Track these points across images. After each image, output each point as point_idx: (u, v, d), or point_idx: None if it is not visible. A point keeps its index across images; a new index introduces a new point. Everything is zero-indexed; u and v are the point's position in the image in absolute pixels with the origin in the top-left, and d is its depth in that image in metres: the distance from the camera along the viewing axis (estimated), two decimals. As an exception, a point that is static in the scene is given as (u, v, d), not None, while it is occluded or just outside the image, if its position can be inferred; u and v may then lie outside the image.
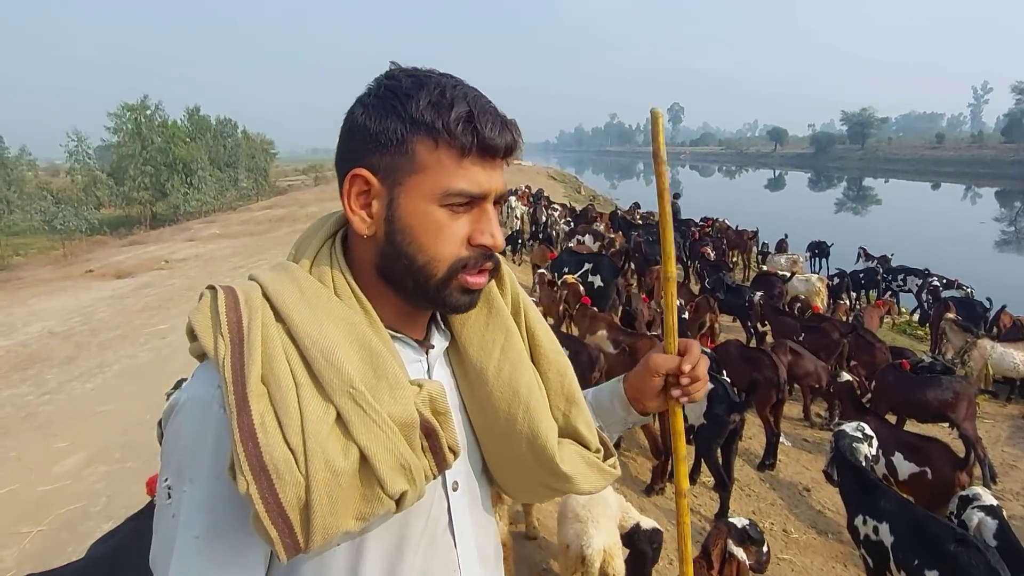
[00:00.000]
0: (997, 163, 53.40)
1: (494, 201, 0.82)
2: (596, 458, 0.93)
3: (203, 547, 0.73)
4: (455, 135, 0.76)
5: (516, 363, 0.88)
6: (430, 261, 0.79)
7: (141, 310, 8.57)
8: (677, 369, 0.96)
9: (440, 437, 0.77)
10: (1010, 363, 5.18)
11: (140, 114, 28.90)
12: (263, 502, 0.66)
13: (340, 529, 0.70)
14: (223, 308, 0.74)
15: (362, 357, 0.75)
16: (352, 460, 0.70)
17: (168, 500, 0.74)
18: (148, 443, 4.57)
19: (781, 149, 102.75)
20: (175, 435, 0.75)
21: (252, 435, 0.66)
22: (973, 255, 16.75)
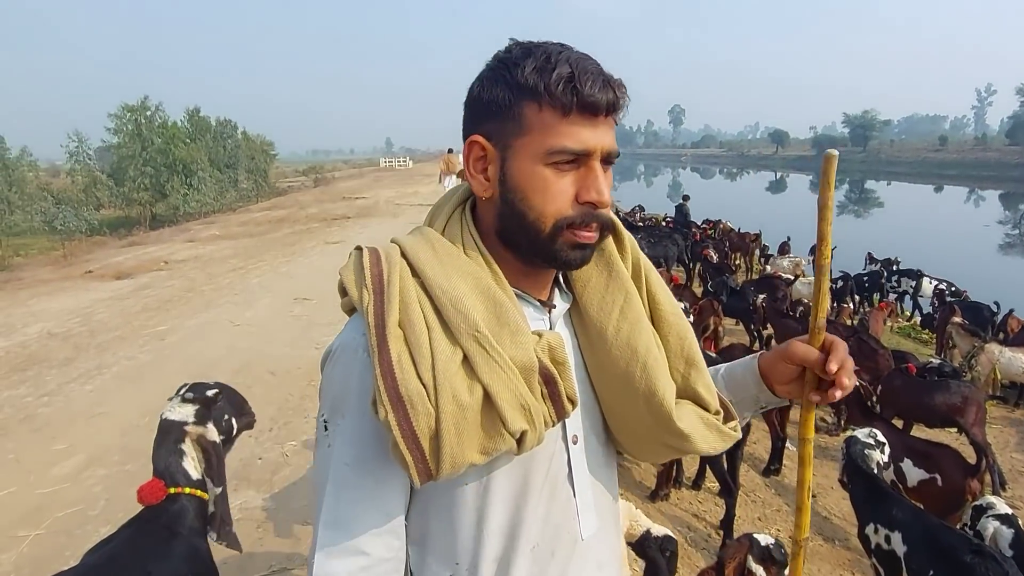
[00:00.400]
0: (1001, 166, 53.25)
1: (604, 160, 0.85)
2: (715, 420, 0.96)
3: (352, 474, 0.85)
4: (556, 95, 0.80)
5: (634, 323, 0.92)
6: (538, 218, 0.84)
7: (140, 311, 8.53)
8: (815, 364, 0.93)
9: (559, 385, 0.83)
10: (1018, 368, 5.12)
11: (140, 115, 28.86)
12: (399, 429, 0.76)
13: (466, 460, 0.78)
14: (367, 264, 0.85)
15: (487, 306, 0.83)
16: (476, 397, 0.78)
17: (325, 432, 0.87)
18: (147, 446, 4.46)
19: (782, 151, 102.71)
20: (329, 377, 0.88)
21: (390, 371, 0.76)
22: (978, 258, 16.71)
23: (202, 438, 1.99)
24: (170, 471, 1.93)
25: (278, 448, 4.45)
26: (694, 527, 3.77)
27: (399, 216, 18.36)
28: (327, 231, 15.98)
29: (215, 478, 1.97)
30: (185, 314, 8.27)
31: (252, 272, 10.97)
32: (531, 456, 0.88)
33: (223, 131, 34.01)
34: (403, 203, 22.07)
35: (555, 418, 0.84)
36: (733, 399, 1.03)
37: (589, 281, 0.95)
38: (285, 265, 11.49)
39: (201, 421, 2.01)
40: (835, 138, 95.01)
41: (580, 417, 0.95)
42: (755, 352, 1.13)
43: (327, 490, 0.86)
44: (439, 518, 0.91)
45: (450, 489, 0.89)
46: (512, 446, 0.81)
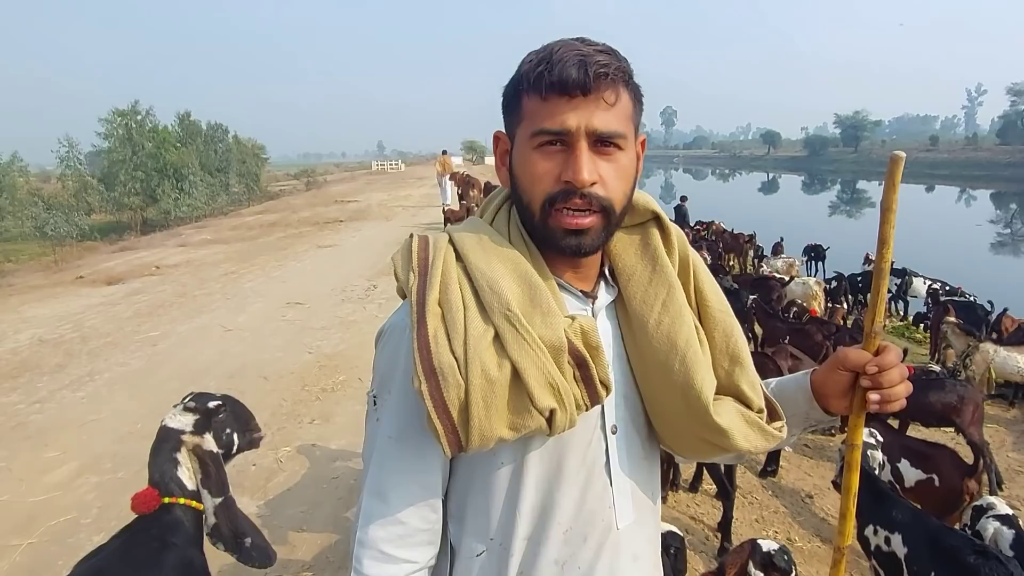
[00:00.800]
0: (992, 165, 53.59)
1: (597, 140, 0.85)
2: (758, 418, 0.95)
3: (394, 447, 0.90)
4: (531, 80, 0.85)
5: (676, 317, 0.92)
6: (529, 201, 0.89)
7: (132, 317, 8.47)
8: (864, 368, 0.92)
9: (591, 368, 0.84)
10: (1013, 367, 5.13)
11: (131, 119, 28.73)
12: (431, 399, 0.79)
13: (495, 434, 0.81)
14: (415, 249, 0.89)
15: (523, 289, 0.86)
16: (505, 372, 0.80)
17: (374, 407, 0.93)
18: (140, 453, 4.46)
19: (774, 152, 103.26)
20: (379, 355, 0.93)
21: (426, 344, 0.80)
22: (970, 258, 16.78)
23: (198, 448, 1.96)
24: (165, 480, 1.90)
25: (272, 454, 4.42)
26: (692, 530, 3.75)
27: (392, 219, 18.34)
28: (319, 235, 15.93)
29: (213, 488, 1.94)
30: (177, 319, 8.22)
31: (244, 276, 10.92)
32: (566, 441, 0.91)
33: (214, 135, 33.89)
34: (396, 206, 22.03)
35: (588, 402, 0.86)
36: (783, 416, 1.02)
37: (634, 274, 0.97)
38: (277, 269, 11.44)
39: (199, 431, 1.98)
40: (826, 138, 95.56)
41: (621, 408, 0.97)
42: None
43: (372, 460, 0.92)
44: (476, 496, 0.94)
45: (486, 469, 0.92)
46: (542, 424, 0.83)
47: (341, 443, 4.58)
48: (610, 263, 1.00)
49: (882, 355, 0.91)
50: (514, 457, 0.91)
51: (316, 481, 4.10)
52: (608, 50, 0.87)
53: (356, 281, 9.96)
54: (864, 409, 0.94)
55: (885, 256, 0.92)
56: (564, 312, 0.87)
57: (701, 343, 0.94)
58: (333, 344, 6.86)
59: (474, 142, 64.17)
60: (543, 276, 0.90)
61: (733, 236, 12.07)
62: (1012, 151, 59.31)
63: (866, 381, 0.92)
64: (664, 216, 1.00)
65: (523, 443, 0.90)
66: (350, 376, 5.87)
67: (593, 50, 0.85)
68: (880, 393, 0.91)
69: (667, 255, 0.97)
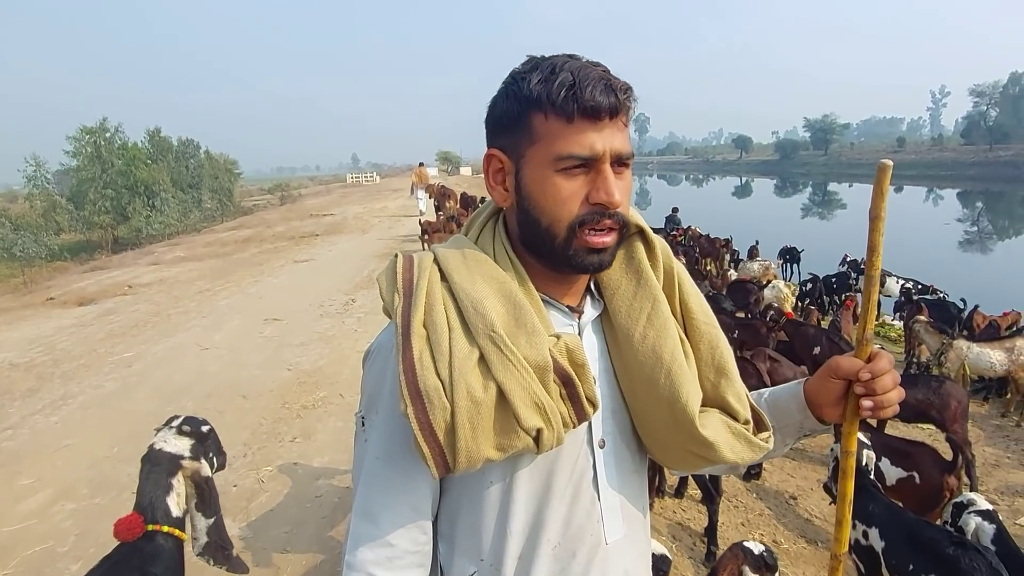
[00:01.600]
0: (958, 165, 54.93)
1: (616, 162, 0.86)
2: (744, 429, 0.95)
3: (382, 467, 0.89)
4: (558, 103, 0.84)
5: (661, 330, 0.93)
6: (552, 223, 0.87)
7: (105, 338, 8.31)
8: (856, 375, 0.93)
9: (577, 386, 0.85)
10: (986, 362, 5.21)
11: (100, 137, 28.43)
12: (417, 422, 0.79)
13: (482, 455, 0.81)
14: (399, 269, 0.89)
15: (507, 309, 0.86)
16: (491, 394, 0.80)
17: (362, 428, 0.93)
18: (116, 477, 4.39)
19: (747, 156, 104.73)
20: (366, 375, 0.94)
21: (411, 367, 0.80)
22: (941, 256, 17.10)
23: (196, 474, 1.93)
24: (153, 506, 1.87)
25: (253, 474, 4.35)
26: (678, 536, 3.76)
27: (368, 232, 18.25)
28: (295, 249, 15.79)
29: (207, 511, 1.91)
30: (152, 339, 8.08)
31: (220, 294, 10.78)
32: (555, 458, 0.91)
33: (185, 151, 33.63)
34: (371, 219, 21.92)
35: (575, 419, 0.86)
36: (776, 425, 1.03)
37: (618, 288, 0.97)
38: (253, 285, 11.31)
39: (196, 456, 1.96)
40: (797, 142, 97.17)
41: (609, 421, 0.97)
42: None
43: (361, 481, 0.91)
44: (466, 516, 0.94)
45: (476, 488, 0.92)
46: (530, 444, 0.83)
47: (324, 461, 4.53)
48: (595, 277, 1.00)
49: (874, 362, 0.92)
50: (503, 476, 0.91)
51: (299, 500, 4.04)
52: (609, 70, 0.88)
53: (334, 295, 9.88)
54: (858, 416, 0.95)
55: (875, 263, 0.93)
56: (549, 330, 0.88)
57: (686, 355, 0.94)
58: (312, 360, 6.79)
59: (449, 153, 64.23)
60: (528, 294, 0.90)
61: (709, 241, 12.18)
62: (976, 151, 60.89)
63: (860, 388, 0.92)
64: (648, 229, 1.00)
65: (512, 461, 0.90)
66: (331, 392, 5.81)
67: (605, 72, 0.86)
68: (874, 400, 0.92)
69: (652, 268, 0.98)
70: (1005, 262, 19.69)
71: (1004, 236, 26.12)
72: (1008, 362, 5.19)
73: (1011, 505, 3.98)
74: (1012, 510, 3.92)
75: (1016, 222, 30.38)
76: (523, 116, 0.87)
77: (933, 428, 4.85)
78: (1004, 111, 67.75)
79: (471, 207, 15.90)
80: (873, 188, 0.90)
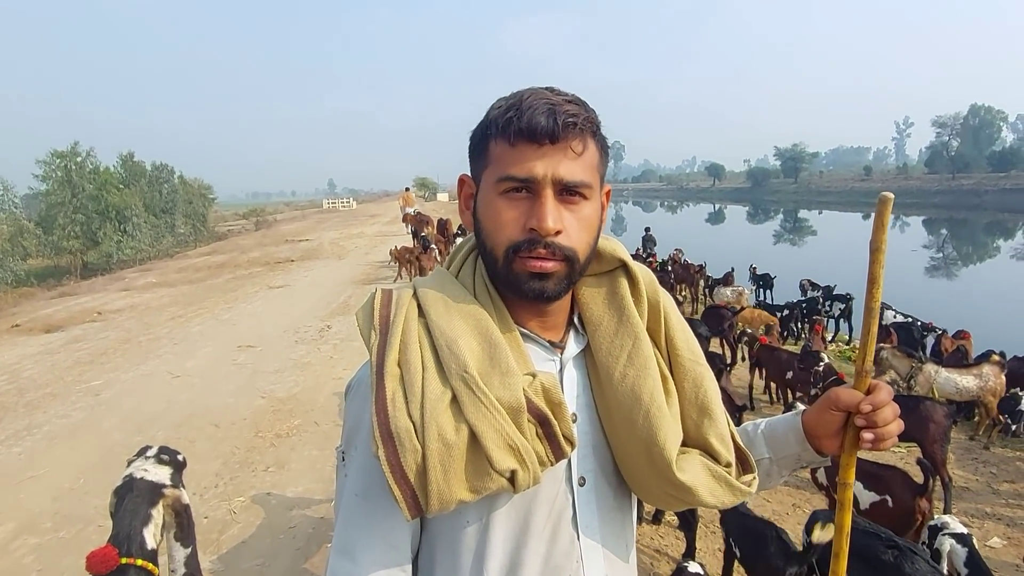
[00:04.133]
0: (922, 193, 56.37)
1: (563, 190, 0.86)
2: (726, 472, 0.93)
3: (361, 504, 0.88)
4: (500, 125, 0.85)
5: (641, 370, 0.91)
6: (494, 247, 0.88)
7: (72, 366, 8.14)
8: (857, 408, 0.91)
9: (553, 425, 0.83)
10: (953, 386, 5.33)
11: (70, 161, 28.03)
12: (388, 465, 0.78)
13: (455, 497, 0.80)
14: (377, 306, 0.89)
15: (483, 348, 0.85)
16: (463, 436, 0.79)
17: (342, 462, 0.92)
18: (82, 510, 4.27)
19: (719, 184, 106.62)
20: (346, 410, 0.93)
21: (384, 408, 0.79)
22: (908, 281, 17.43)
23: (177, 502, 1.90)
24: (129, 538, 1.82)
25: (224, 505, 4.26)
26: (656, 563, 3.74)
27: (344, 257, 18.17)
28: (270, 275, 15.66)
29: (185, 540, 1.87)
30: (121, 367, 7.93)
31: (192, 320, 10.62)
32: (532, 497, 0.89)
33: (159, 176, 33.26)
34: (348, 244, 21.84)
35: (553, 458, 0.85)
36: (773, 456, 1.03)
37: (600, 324, 0.95)
38: (227, 312, 11.18)
39: (176, 484, 1.92)
40: (768, 170, 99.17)
41: (589, 458, 0.95)
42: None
43: (340, 517, 0.90)
44: (443, 556, 0.92)
45: (453, 528, 0.90)
46: (504, 485, 0.81)
47: (298, 490, 4.45)
48: (580, 311, 0.98)
49: (874, 394, 0.91)
50: (480, 515, 0.89)
51: (272, 531, 3.96)
52: (577, 100, 0.87)
53: (309, 322, 9.79)
54: (857, 448, 0.94)
55: (875, 295, 0.92)
56: (526, 368, 0.87)
57: (669, 394, 0.93)
58: (287, 387, 6.71)
59: (426, 179, 64.46)
60: (506, 329, 0.89)
61: (684, 267, 12.31)
62: (940, 179, 62.65)
63: (860, 420, 0.91)
64: (632, 264, 0.98)
65: (489, 501, 0.88)
66: (305, 420, 5.74)
67: (562, 99, 0.86)
68: (874, 432, 0.91)
69: (635, 303, 0.96)
70: (969, 286, 20.17)
71: (968, 262, 26.79)
72: (977, 388, 5.30)
73: (981, 527, 4.04)
74: (983, 532, 3.97)
75: (979, 248, 31.17)
76: (483, 141, 0.89)
77: (905, 451, 4.93)
78: (965, 141, 70.02)
79: (448, 233, 15.93)
80: (874, 220, 0.90)
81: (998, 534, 3.96)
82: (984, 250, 30.47)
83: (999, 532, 3.98)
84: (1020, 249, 29.96)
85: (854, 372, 0.95)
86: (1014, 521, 4.10)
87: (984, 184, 56.45)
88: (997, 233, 37.28)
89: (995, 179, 57.32)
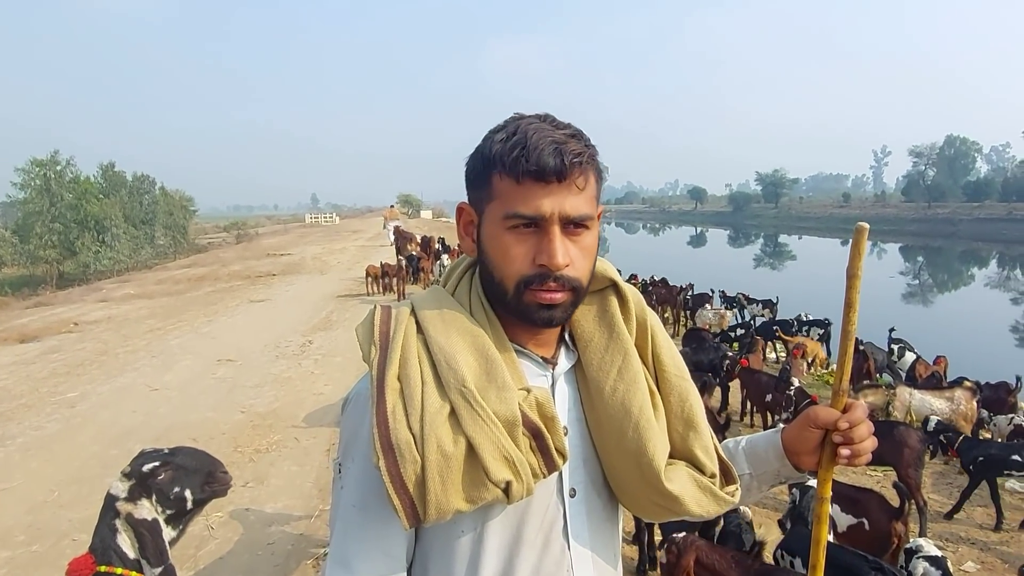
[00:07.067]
0: (899, 220, 57.41)
1: (569, 223, 0.89)
2: (711, 483, 0.97)
3: (358, 515, 0.90)
4: (507, 164, 0.87)
5: (631, 384, 0.95)
6: (503, 279, 0.91)
7: (48, 377, 8.01)
8: (834, 425, 0.96)
9: (547, 438, 0.87)
10: (927, 408, 5.45)
11: (50, 170, 27.75)
12: (389, 475, 0.81)
13: (451, 507, 0.82)
14: (377, 322, 0.91)
15: (480, 363, 0.88)
16: (460, 448, 0.82)
17: (339, 475, 0.93)
18: (56, 524, 4.20)
19: (701, 207, 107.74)
20: (344, 423, 0.95)
21: (384, 420, 0.82)
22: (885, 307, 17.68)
23: (131, 516, 1.86)
24: (105, 547, 1.80)
25: (202, 521, 4.20)
26: None
27: (327, 272, 18.10)
28: (251, 289, 15.55)
29: (152, 559, 1.83)
30: (98, 379, 7.81)
31: (171, 333, 10.51)
32: (525, 508, 0.92)
33: (140, 186, 33.01)
34: (331, 259, 21.76)
35: (545, 470, 0.87)
36: (754, 472, 1.06)
37: (591, 341, 0.99)
38: (207, 325, 11.07)
39: (132, 498, 1.88)
40: (749, 195, 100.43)
41: (580, 471, 0.98)
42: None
43: (336, 528, 0.92)
44: (437, 565, 0.94)
45: (447, 538, 0.92)
46: (499, 496, 0.84)
47: (277, 506, 4.41)
48: (570, 328, 1.02)
49: (850, 412, 0.96)
50: (474, 525, 0.92)
51: (251, 548, 3.92)
52: (577, 133, 0.90)
53: (291, 336, 9.73)
54: (834, 464, 0.98)
55: (852, 319, 0.96)
56: (521, 383, 0.90)
57: (656, 408, 0.96)
58: (267, 402, 6.65)
59: (409, 196, 64.45)
60: (502, 347, 0.92)
61: (667, 287, 12.41)
62: (916, 208, 63.90)
63: (838, 437, 0.96)
64: (622, 283, 1.02)
65: (483, 511, 0.90)
66: (285, 436, 5.69)
67: (564, 135, 0.88)
68: (851, 448, 0.95)
69: (624, 321, 1.00)
70: (943, 313, 20.53)
71: (943, 289, 27.27)
72: (949, 411, 5.40)
73: (956, 551, 4.09)
74: (957, 556, 4.02)
75: (953, 276, 31.78)
76: (484, 174, 0.91)
77: (881, 475, 4.99)
78: (941, 171, 71.61)
79: (431, 249, 15.94)
80: (851, 248, 0.96)
81: (972, 558, 4.02)
82: (959, 278, 31.09)
83: (973, 556, 4.04)
84: (993, 278, 30.62)
85: (831, 392, 1.00)
86: (988, 546, 4.17)
87: (959, 213, 57.69)
88: (971, 261, 38.12)
89: (969, 208, 58.63)
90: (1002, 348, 14.26)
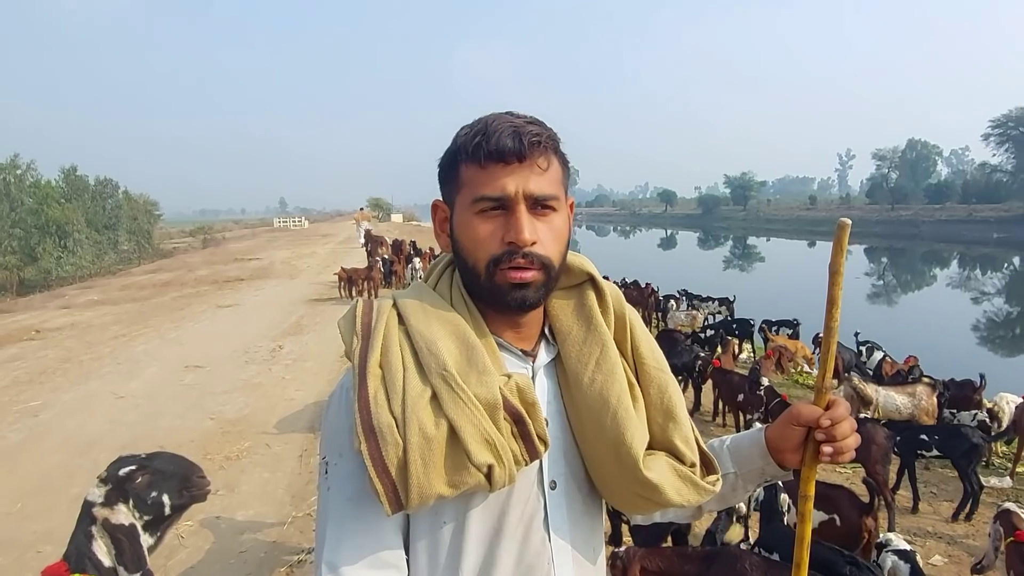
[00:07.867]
0: (864, 223, 58.59)
1: (534, 203, 0.92)
2: (691, 472, 0.98)
3: (353, 508, 0.89)
4: (470, 150, 0.91)
5: (608, 375, 0.96)
6: (475, 262, 0.93)
7: (9, 386, 7.78)
8: (816, 422, 0.96)
9: (528, 424, 0.87)
10: (893, 405, 5.58)
11: (9, 174, 27.07)
12: (371, 459, 0.82)
13: (434, 491, 0.82)
14: (359, 314, 0.94)
15: (460, 349, 0.89)
16: (442, 431, 0.83)
17: (325, 475, 0.92)
18: (19, 536, 4.08)
19: (671, 210, 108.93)
20: (327, 418, 0.95)
21: (366, 405, 0.83)
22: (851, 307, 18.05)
23: (107, 522, 1.82)
24: (80, 554, 1.76)
25: (172, 530, 4.11)
26: None
27: (296, 277, 17.89)
28: (219, 294, 15.29)
29: (129, 565, 1.80)
30: (61, 387, 7.62)
31: (136, 339, 10.29)
32: (506, 498, 0.93)
33: (103, 191, 32.30)
34: (300, 264, 21.51)
35: (527, 457, 0.88)
36: (738, 471, 1.06)
37: (570, 333, 1.00)
38: (173, 331, 10.86)
39: (109, 503, 1.84)
40: (718, 197, 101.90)
41: (560, 463, 0.99)
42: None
43: (328, 527, 0.90)
44: (422, 555, 0.94)
45: (431, 528, 0.93)
46: (482, 481, 0.84)
47: (248, 514, 4.34)
48: (550, 323, 1.03)
49: (832, 409, 0.97)
50: (456, 515, 0.92)
51: (222, 557, 3.84)
52: (536, 121, 0.94)
53: (260, 342, 9.59)
54: (817, 461, 0.99)
55: (834, 316, 0.97)
56: (501, 371, 0.91)
57: (635, 399, 0.97)
58: (237, 409, 6.54)
59: (380, 200, 64.03)
60: (482, 336, 0.94)
61: (638, 288, 12.50)
62: (880, 210, 65.38)
63: (820, 435, 0.96)
64: (599, 277, 1.04)
65: (465, 500, 0.91)
66: (256, 442, 5.60)
67: (524, 121, 0.92)
68: (833, 446, 0.96)
69: (602, 315, 1.01)
70: (908, 312, 21.02)
71: (907, 289, 27.91)
72: (911, 406, 5.54)
73: (923, 545, 4.18)
74: (925, 550, 4.11)
75: (917, 276, 32.54)
76: (453, 166, 0.95)
77: (851, 472, 5.07)
78: (903, 174, 73.35)
79: (403, 253, 15.86)
80: (833, 245, 0.96)
81: (939, 552, 4.10)
82: (922, 278, 31.83)
83: (940, 550, 4.13)
84: (955, 278, 31.42)
85: (814, 389, 1.01)
86: (954, 539, 4.26)
87: (921, 215, 59.23)
88: (934, 262, 39.09)
89: (931, 211, 60.23)
90: (965, 346, 14.65)
